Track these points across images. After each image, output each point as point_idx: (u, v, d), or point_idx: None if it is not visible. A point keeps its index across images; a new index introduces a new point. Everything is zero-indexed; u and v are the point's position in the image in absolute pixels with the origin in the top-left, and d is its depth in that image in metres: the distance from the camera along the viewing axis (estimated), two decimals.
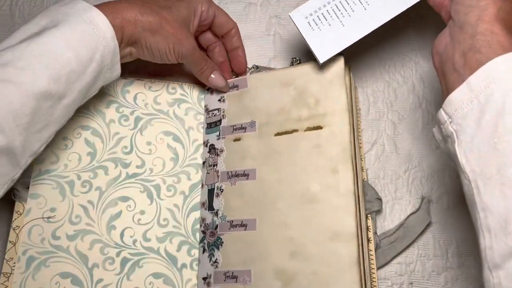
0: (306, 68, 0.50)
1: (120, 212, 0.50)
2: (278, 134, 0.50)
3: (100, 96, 0.53)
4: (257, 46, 0.59)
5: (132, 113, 0.55)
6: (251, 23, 0.59)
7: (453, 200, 0.51)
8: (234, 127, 0.53)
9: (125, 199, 0.51)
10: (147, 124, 0.54)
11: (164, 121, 0.55)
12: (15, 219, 0.48)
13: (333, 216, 0.43)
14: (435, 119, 0.41)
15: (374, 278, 0.46)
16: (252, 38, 0.58)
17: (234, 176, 0.51)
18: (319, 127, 0.47)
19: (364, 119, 0.52)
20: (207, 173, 0.53)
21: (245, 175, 0.50)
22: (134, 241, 0.49)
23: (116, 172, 0.52)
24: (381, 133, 0.52)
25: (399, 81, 0.53)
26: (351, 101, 0.47)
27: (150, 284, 0.48)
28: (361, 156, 0.50)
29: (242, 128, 0.52)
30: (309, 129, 0.47)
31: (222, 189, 0.51)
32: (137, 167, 0.52)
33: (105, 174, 0.51)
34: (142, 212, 0.51)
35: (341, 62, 0.48)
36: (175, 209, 0.51)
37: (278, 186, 0.48)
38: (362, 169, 0.49)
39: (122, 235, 0.49)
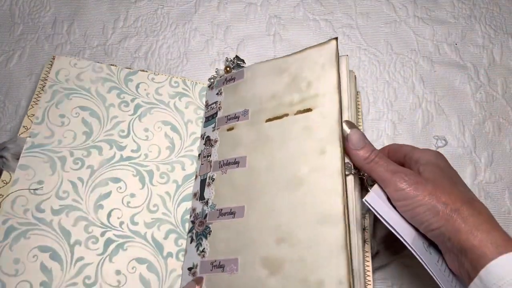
0: (301, 55, 0.51)
1: (110, 192, 0.49)
2: (269, 120, 0.49)
3: (102, 82, 0.54)
4: (257, 46, 0.60)
5: (133, 100, 0.55)
6: (251, 23, 0.60)
7: None
8: (228, 117, 0.53)
9: (116, 180, 0.49)
10: (147, 112, 0.54)
11: (164, 111, 0.55)
12: (0, 187, 0.46)
13: (320, 198, 0.42)
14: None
15: (368, 273, 0.44)
16: (252, 38, 0.59)
17: (225, 164, 0.50)
18: (309, 110, 0.46)
19: (364, 119, 0.52)
20: (201, 164, 0.53)
21: (236, 163, 0.50)
22: (121, 223, 0.48)
23: (110, 153, 0.51)
24: (381, 133, 0.53)
25: (399, 81, 0.54)
26: (339, 83, 0.45)
27: (133, 268, 0.46)
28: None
29: (236, 117, 0.52)
30: (299, 112, 0.47)
31: (214, 178, 0.50)
32: (132, 151, 0.52)
33: (99, 154, 0.50)
34: (133, 195, 0.49)
35: (333, 45, 0.48)
36: (166, 196, 0.50)
37: (268, 172, 0.47)
38: None
39: (109, 215, 0.48)
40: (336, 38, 0.48)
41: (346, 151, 0.43)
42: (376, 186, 0.41)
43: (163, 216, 0.49)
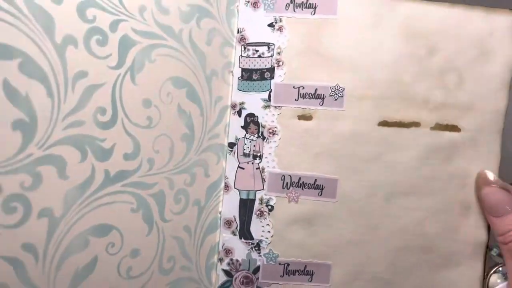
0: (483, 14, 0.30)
1: (95, 258, 0.23)
2: (383, 123, 0.30)
3: None
4: None
5: (114, 26, 0.24)
6: None
7: None
8: (301, 91, 0.29)
9: (103, 229, 0.23)
10: (145, 58, 0.25)
11: (175, 54, 0.26)
12: None
13: None
14: None
15: None
16: None
17: (296, 186, 0.29)
18: (455, 128, 0.30)
19: None
20: (240, 167, 0.30)
21: (317, 188, 0.30)
22: None
23: (81, 172, 0.23)
24: None
25: None
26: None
27: None
28: None
29: (317, 96, 0.29)
30: (439, 127, 0.30)
31: (271, 205, 0.29)
32: (126, 157, 0.24)
33: (60, 176, 0.22)
34: (135, 253, 0.25)
35: None
36: (185, 235, 0.27)
37: (372, 217, 0.30)
38: None
39: None
40: None
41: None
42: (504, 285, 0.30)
43: (182, 273, 0.27)
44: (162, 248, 0.26)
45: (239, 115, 0.29)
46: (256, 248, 0.29)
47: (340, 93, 0.29)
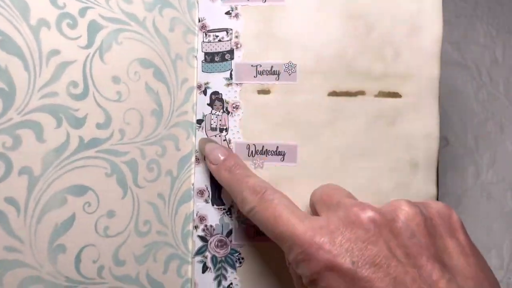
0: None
1: (73, 216, 0.26)
2: (333, 93, 0.33)
3: None
4: None
5: (83, 12, 0.27)
6: None
7: (455, 201, 0.48)
8: (259, 69, 0.33)
9: (79, 189, 0.26)
10: (112, 40, 0.28)
11: (140, 38, 0.30)
12: None
13: None
14: None
15: None
16: None
17: (260, 153, 0.32)
18: (396, 94, 0.33)
19: None
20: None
21: (280, 154, 0.32)
22: (100, 270, 0.27)
23: (58, 136, 0.25)
24: None
25: None
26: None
27: None
28: None
29: (273, 72, 0.33)
30: (382, 94, 0.33)
31: None
32: (98, 126, 0.27)
33: (38, 140, 0.24)
34: (111, 214, 0.27)
35: None
36: (159, 202, 0.30)
37: (330, 178, 0.32)
38: None
39: (77, 261, 0.26)
40: None
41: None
42: None
43: (158, 237, 0.30)
44: (138, 211, 0.28)
45: (205, 94, 0.33)
46: (228, 213, 0.32)
47: (293, 69, 0.33)
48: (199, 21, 0.33)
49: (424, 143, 0.33)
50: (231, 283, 0.31)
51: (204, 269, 0.31)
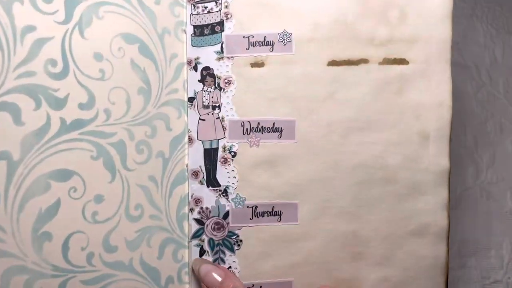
0: None
1: (58, 202, 0.24)
2: (332, 63, 0.31)
3: None
4: None
5: None
6: None
7: (455, 201, 0.46)
8: (251, 40, 0.31)
9: (64, 174, 0.25)
10: (92, 15, 0.26)
11: (123, 13, 0.28)
12: None
13: None
14: None
15: None
16: None
17: (256, 130, 0.31)
18: (403, 61, 0.31)
19: None
20: (201, 119, 0.31)
21: (276, 130, 0.31)
22: (90, 258, 0.25)
23: (38, 118, 0.24)
24: None
25: None
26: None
27: None
28: None
29: (267, 42, 0.31)
30: (387, 61, 0.31)
31: (234, 151, 0.30)
32: (81, 106, 0.26)
33: (15, 123, 0.23)
34: (99, 199, 0.26)
35: None
36: (151, 185, 0.29)
37: (331, 153, 0.31)
38: None
39: (65, 249, 0.25)
40: None
41: None
42: None
43: (152, 221, 0.28)
44: (128, 195, 0.27)
45: (196, 70, 0.31)
46: (224, 194, 0.30)
47: (288, 38, 0.30)
48: None
49: (435, 112, 0.31)
50: (230, 267, 0.30)
51: (202, 252, 0.30)
